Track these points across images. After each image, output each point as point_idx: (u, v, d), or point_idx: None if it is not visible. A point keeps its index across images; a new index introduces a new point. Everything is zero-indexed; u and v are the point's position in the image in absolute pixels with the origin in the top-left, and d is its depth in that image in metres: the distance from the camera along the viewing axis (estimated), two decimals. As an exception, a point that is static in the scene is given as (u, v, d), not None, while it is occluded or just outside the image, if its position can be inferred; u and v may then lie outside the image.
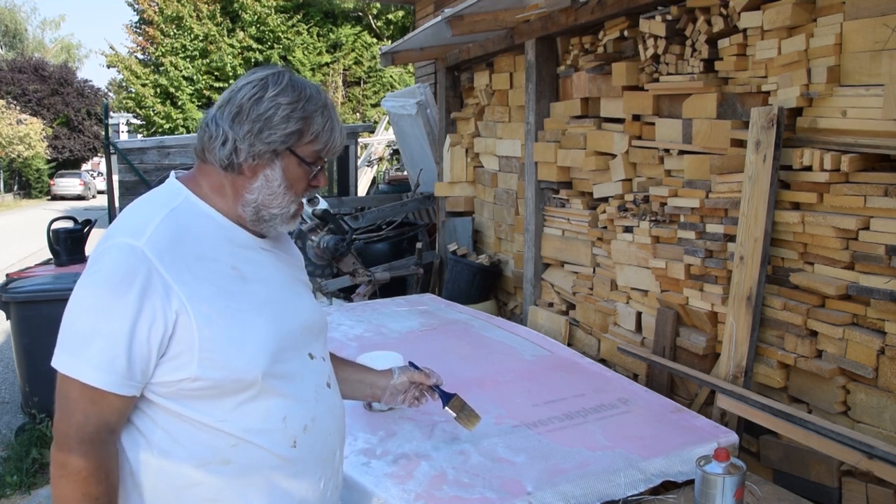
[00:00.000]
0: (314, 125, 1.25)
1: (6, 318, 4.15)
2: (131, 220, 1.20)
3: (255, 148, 1.22)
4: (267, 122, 1.21)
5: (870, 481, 2.20)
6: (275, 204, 1.26)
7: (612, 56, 3.38)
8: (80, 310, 1.13)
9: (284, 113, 1.22)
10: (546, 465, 1.91)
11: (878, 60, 2.17)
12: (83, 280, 1.15)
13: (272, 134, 1.22)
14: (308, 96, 1.25)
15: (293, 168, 1.26)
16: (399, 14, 18.57)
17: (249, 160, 1.23)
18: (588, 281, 3.68)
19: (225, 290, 1.20)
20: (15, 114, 24.83)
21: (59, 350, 1.13)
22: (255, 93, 1.22)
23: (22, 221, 17.63)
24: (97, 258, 1.16)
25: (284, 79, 1.25)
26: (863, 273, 2.25)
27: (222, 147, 1.22)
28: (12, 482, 3.52)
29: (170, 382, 1.16)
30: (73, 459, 1.11)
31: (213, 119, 1.24)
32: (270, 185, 1.25)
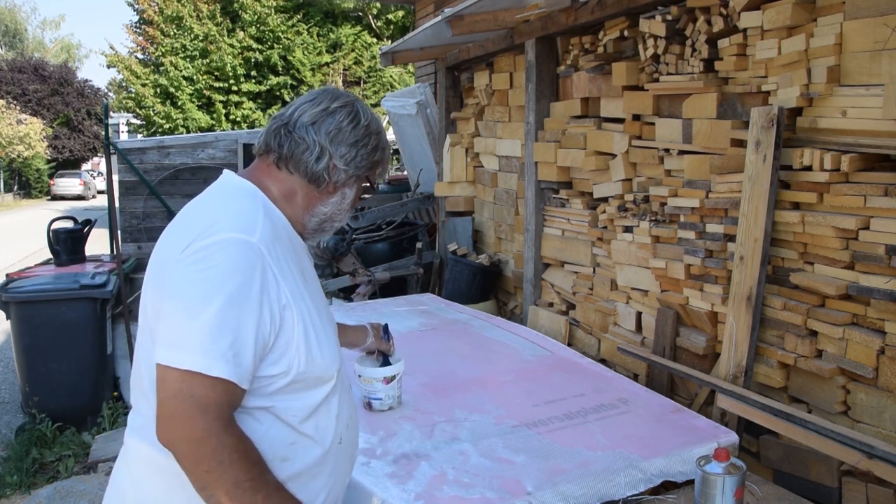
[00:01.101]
0: (385, 158, 1.42)
1: (6, 318, 4.15)
2: (230, 215, 1.20)
3: (350, 171, 1.34)
4: (362, 149, 1.34)
5: (870, 481, 2.20)
6: (339, 218, 1.40)
7: (612, 56, 3.38)
8: (202, 304, 1.10)
9: (374, 143, 1.37)
10: (546, 465, 1.91)
11: (878, 60, 2.17)
12: (196, 275, 1.13)
13: (364, 160, 1.35)
14: (379, 128, 1.40)
15: (360, 189, 1.40)
16: (399, 14, 18.56)
17: (341, 179, 1.34)
18: (588, 281, 3.68)
19: (300, 293, 1.26)
20: (15, 114, 24.83)
21: (174, 349, 1.11)
22: (352, 119, 1.34)
23: (22, 221, 17.63)
24: (208, 253, 1.13)
25: (365, 107, 1.38)
26: (863, 273, 2.25)
27: (317, 162, 1.31)
28: (12, 482, 3.52)
29: (265, 377, 1.19)
30: (224, 448, 1.09)
31: (308, 132, 1.31)
32: (344, 202, 1.38)
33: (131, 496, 1.26)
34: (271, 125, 1.35)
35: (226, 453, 1.10)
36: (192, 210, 1.27)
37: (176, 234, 1.22)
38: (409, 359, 2.38)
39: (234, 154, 7.47)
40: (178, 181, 7.22)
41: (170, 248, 1.19)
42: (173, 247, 1.18)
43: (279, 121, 1.33)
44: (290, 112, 1.33)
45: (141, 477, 1.25)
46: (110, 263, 4.97)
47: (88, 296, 4.12)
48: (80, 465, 3.71)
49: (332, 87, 1.43)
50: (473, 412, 2.27)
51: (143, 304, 1.24)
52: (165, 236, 1.26)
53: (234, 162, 7.46)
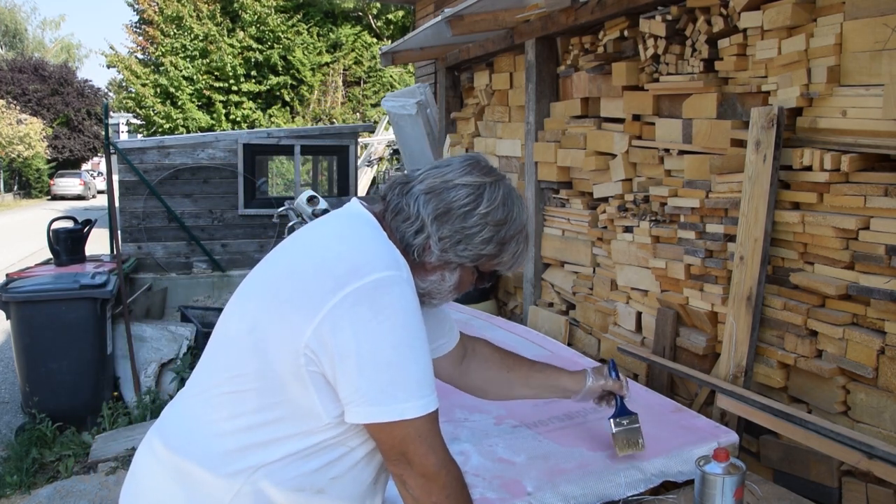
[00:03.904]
0: (506, 253, 1.27)
1: (6, 318, 4.15)
2: (376, 253, 1.15)
3: (447, 255, 1.23)
4: (469, 238, 1.22)
5: (870, 481, 2.20)
6: (439, 297, 1.31)
7: (612, 56, 3.38)
8: (395, 356, 1.09)
9: (488, 235, 1.22)
10: (546, 465, 1.91)
11: (879, 60, 2.17)
12: (376, 322, 1.08)
13: (467, 249, 1.23)
14: (513, 219, 1.25)
15: (468, 276, 1.29)
16: (399, 14, 18.57)
17: (437, 261, 1.24)
18: (588, 281, 3.68)
19: None
20: (15, 114, 24.83)
21: (401, 400, 1.09)
22: (468, 202, 1.21)
23: (22, 221, 17.63)
24: (382, 297, 1.09)
25: (499, 193, 1.24)
26: (863, 273, 2.25)
27: (415, 235, 1.22)
28: (12, 482, 3.52)
29: None
30: (453, 480, 1.18)
31: (416, 201, 1.22)
32: (443, 284, 1.28)
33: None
34: (396, 179, 1.29)
35: (455, 483, 1.17)
36: (328, 240, 1.21)
37: (317, 260, 1.15)
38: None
39: (234, 154, 7.47)
40: (178, 181, 7.22)
41: (310, 281, 1.12)
42: (316, 281, 1.12)
43: (406, 178, 1.27)
44: (420, 173, 1.26)
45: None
46: (110, 263, 4.97)
47: (88, 296, 4.12)
48: (80, 465, 3.71)
49: (481, 158, 1.29)
50: (473, 412, 2.27)
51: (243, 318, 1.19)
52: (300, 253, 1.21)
53: (233, 162, 7.47)
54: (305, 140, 7.94)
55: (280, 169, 11.80)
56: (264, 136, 7.90)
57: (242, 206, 7.59)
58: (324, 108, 19.94)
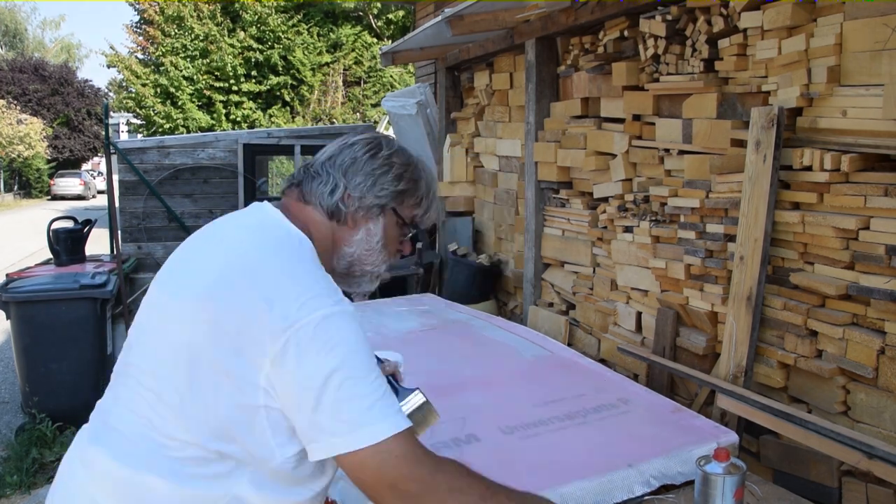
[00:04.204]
0: (420, 190, 1.32)
1: (6, 317, 4.15)
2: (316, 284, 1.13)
3: (365, 200, 1.27)
4: (380, 177, 1.28)
5: (870, 481, 2.20)
6: (370, 260, 1.30)
7: (612, 56, 3.38)
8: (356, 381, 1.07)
9: (397, 172, 1.29)
10: (546, 465, 1.91)
11: (878, 60, 2.17)
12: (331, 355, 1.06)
13: (383, 189, 1.28)
14: (416, 162, 1.33)
15: (392, 227, 1.31)
16: (399, 14, 18.56)
17: (357, 211, 1.27)
18: (588, 281, 3.68)
19: None
20: (15, 114, 24.83)
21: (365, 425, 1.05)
22: (369, 149, 1.29)
23: (22, 221, 17.63)
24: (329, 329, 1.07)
25: (395, 143, 1.33)
26: (863, 273, 2.25)
27: (331, 194, 1.26)
28: (12, 482, 3.52)
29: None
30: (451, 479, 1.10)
31: (322, 166, 1.29)
32: (370, 239, 1.29)
33: None
34: (301, 167, 1.34)
35: (455, 479, 1.11)
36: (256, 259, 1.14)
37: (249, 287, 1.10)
38: (409, 359, 2.37)
39: (234, 154, 7.47)
40: (178, 181, 7.21)
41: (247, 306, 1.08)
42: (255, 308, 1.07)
43: (308, 161, 1.34)
44: (319, 153, 1.34)
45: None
46: (110, 263, 4.97)
47: (88, 296, 4.12)
48: (80, 465, 3.70)
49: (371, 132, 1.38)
50: (473, 412, 2.27)
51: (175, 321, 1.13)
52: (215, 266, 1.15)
53: (234, 162, 7.46)
54: (305, 140, 7.93)
55: (280, 169, 11.80)
56: (264, 136, 7.90)
57: (242, 205, 7.56)
58: (324, 108, 19.94)
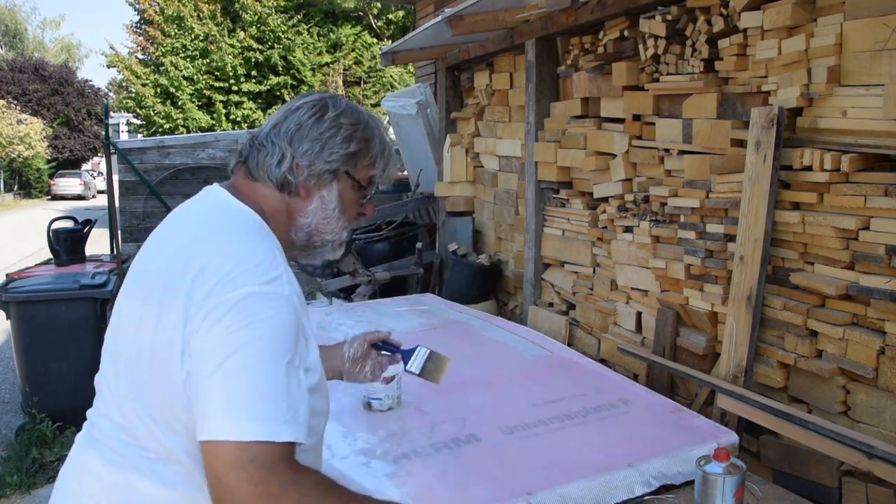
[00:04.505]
0: (373, 148, 1.24)
1: (6, 318, 4.15)
2: (251, 261, 1.06)
3: (315, 167, 1.19)
4: (328, 141, 1.19)
5: (870, 481, 2.20)
6: (328, 229, 1.24)
7: (612, 56, 3.38)
8: (252, 366, 0.99)
9: (346, 133, 1.20)
10: (546, 465, 1.91)
11: (878, 60, 2.17)
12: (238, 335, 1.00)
13: (333, 153, 1.20)
14: (366, 120, 1.24)
15: (348, 191, 1.23)
16: (399, 14, 18.56)
17: (307, 180, 1.20)
18: (588, 281, 3.68)
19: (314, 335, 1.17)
20: (15, 114, 24.82)
21: (238, 418, 0.97)
22: (314, 112, 1.20)
23: (22, 221, 17.62)
24: (247, 309, 1.01)
25: (342, 102, 1.24)
26: (863, 273, 2.25)
27: (278, 166, 1.18)
28: (12, 482, 3.52)
29: None
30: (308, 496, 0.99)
31: (268, 137, 1.20)
32: (326, 207, 1.22)
33: None
34: (246, 141, 1.25)
35: (312, 492, 0.99)
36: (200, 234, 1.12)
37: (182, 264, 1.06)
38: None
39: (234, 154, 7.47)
40: (178, 181, 7.22)
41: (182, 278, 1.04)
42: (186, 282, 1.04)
43: (251, 134, 1.25)
44: (263, 124, 1.25)
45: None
46: (110, 263, 4.96)
47: (88, 296, 4.12)
48: (80, 465, 3.70)
49: (315, 92, 1.28)
50: (473, 412, 2.27)
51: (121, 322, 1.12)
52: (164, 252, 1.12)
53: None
54: (305, 140, 7.93)
55: (280, 169, 11.77)
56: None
57: (242, 206, 7.58)
58: (324, 108, 19.90)
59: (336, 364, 1.56)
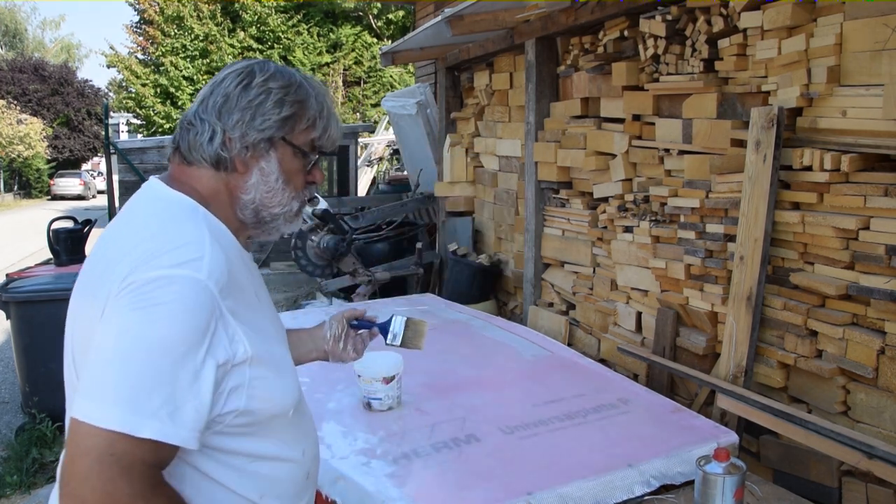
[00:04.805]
0: (309, 110, 1.15)
1: (6, 318, 4.15)
2: (172, 242, 1.01)
3: (248, 138, 1.11)
4: (258, 108, 1.11)
5: (870, 481, 2.20)
6: (275, 202, 1.15)
7: (612, 56, 3.38)
8: (130, 357, 0.93)
9: (277, 97, 1.12)
10: (546, 465, 1.91)
11: (878, 60, 2.17)
12: (131, 316, 0.95)
13: (266, 121, 1.11)
14: (299, 82, 1.16)
15: (289, 159, 1.15)
16: (399, 14, 18.56)
17: (242, 153, 1.12)
18: (588, 281, 3.68)
19: (259, 322, 1.10)
20: (15, 114, 24.82)
21: (94, 401, 0.93)
22: (241, 80, 1.12)
23: (22, 221, 17.62)
24: (145, 291, 0.95)
25: (271, 66, 1.16)
26: (863, 273, 2.25)
27: (210, 143, 1.11)
28: (12, 482, 3.52)
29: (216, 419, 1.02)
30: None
31: (196, 115, 1.12)
32: (267, 180, 1.14)
33: None
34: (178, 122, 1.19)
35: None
36: (125, 228, 1.09)
37: (112, 256, 1.03)
38: (409, 359, 2.38)
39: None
40: (178, 181, 7.21)
41: (107, 271, 1.01)
42: (111, 271, 1.00)
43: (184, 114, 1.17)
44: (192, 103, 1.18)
45: None
46: (110, 263, 4.96)
47: (88, 296, 4.12)
48: (80, 464, 3.70)
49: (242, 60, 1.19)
50: (473, 412, 2.27)
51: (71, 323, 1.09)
52: (102, 251, 1.09)
53: (234, 162, 7.47)
54: (305, 140, 7.93)
55: (280, 169, 11.77)
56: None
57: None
58: (324, 108, 19.92)
59: (320, 344, 1.52)
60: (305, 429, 1.22)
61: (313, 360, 1.54)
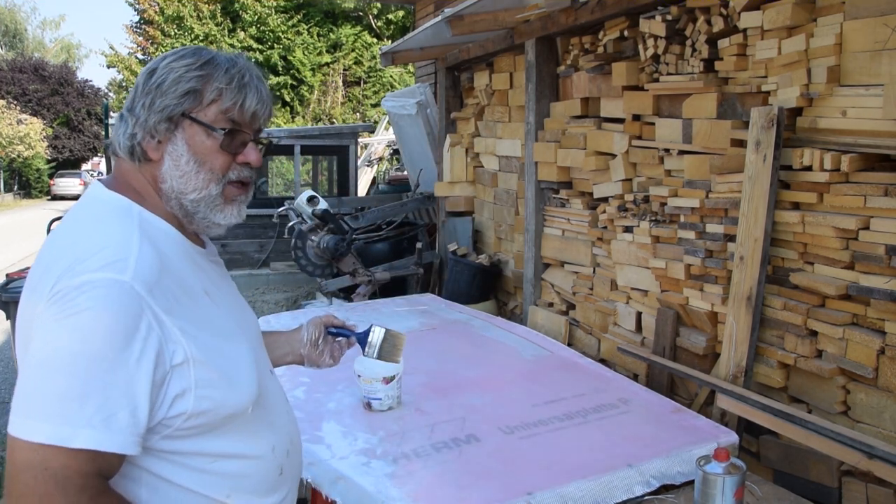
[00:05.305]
0: (215, 81, 1.07)
1: (6, 318, 4.15)
2: (98, 246, 0.98)
3: (150, 121, 1.06)
4: (158, 89, 1.05)
5: (870, 481, 2.19)
6: (189, 187, 1.08)
7: (612, 56, 3.38)
8: (58, 366, 0.91)
9: (177, 75, 1.05)
10: (546, 465, 1.91)
11: (878, 60, 2.17)
12: (55, 325, 0.92)
13: (164, 98, 1.05)
14: (208, 58, 1.08)
15: (199, 138, 1.07)
16: (399, 14, 18.57)
17: (148, 139, 1.07)
18: (588, 281, 3.68)
19: (206, 320, 1.06)
20: (15, 114, 24.84)
21: (26, 417, 0.91)
22: (149, 69, 1.09)
23: (22, 221, 17.62)
24: (70, 299, 0.93)
25: (188, 49, 1.10)
26: (863, 273, 2.25)
27: (124, 135, 1.08)
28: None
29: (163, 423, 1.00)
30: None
31: (121, 114, 1.10)
32: (178, 164, 1.07)
33: None
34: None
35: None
36: (61, 233, 1.05)
37: (45, 263, 1.01)
38: (409, 359, 2.37)
39: (234, 154, 7.47)
40: (178, 181, 7.21)
41: (42, 277, 0.98)
42: (45, 276, 0.98)
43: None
44: None
45: None
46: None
47: (88, 296, 4.12)
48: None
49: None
50: (473, 412, 2.27)
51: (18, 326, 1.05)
52: (43, 255, 1.05)
53: (234, 162, 7.47)
54: (305, 140, 7.93)
55: (280, 169, 11.80)
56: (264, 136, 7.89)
57: (242, 206, 7.59)
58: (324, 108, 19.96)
59: (296, 347, 1.50)
60: (274, 423, 1.19)
61: (289, 364, 1.52)
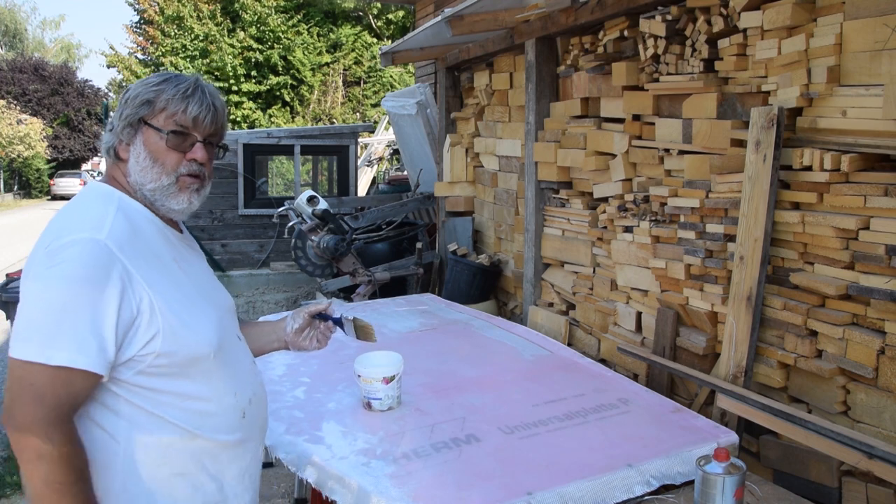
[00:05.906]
0: (164, 94, 1.32)
1: (6, 318, 4.15)
2: (81, 218, 1.25)
3: (118, 127, 1.34)
4: (127, 102, 1.34)
5: (870, 481, 2.20)
6: (147, 179, 1.33)
7: (612, 56, 3.38)
8: (44, 303, 1.16)
9: (140, 89, 1.34)
10: (546, 465, 1.91)
11: (878, 60, 2.17)
12: (43, 274, 1.18)
13: (128, 109, 1.33)
14: (168, 76, 1.36)
15: (153, 139, 1.33)
16: (399, 14, 18.57)
17: (118, 140, 1.35)
18: (588, 281, 3.68)
19: (174, 279, 1.31)
20: (15, 114, 24.84)
21: (20, 341, 1.16)
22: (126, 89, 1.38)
23: (22, 221, 17.62)
24: (56, 253, 1.18)
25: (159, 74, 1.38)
26: (863, 273, 2.25)
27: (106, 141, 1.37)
28: (12, 482, 3.52)
29: (136, 359, 1.23)
30: (48, 443, 1.13)
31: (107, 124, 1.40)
32: (138, 160, 1.33)
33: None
34: None
35: (47, 448, 1.13)
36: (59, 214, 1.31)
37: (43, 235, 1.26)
38: (409, 359, 2.38)
39: (234, 154, 7.47)
40: (178, 181, 7.20)
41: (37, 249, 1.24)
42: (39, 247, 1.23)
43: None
44: None
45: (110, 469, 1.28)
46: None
47: (88, 296, 4.12)
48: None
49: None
50: (473, 412, 2.27)
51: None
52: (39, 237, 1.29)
53: (233, 162, 7.47)
54: (305, 140, 7.93)
55: (280, 169, 11.80)
56: (264, 136, 7.90)
57: (242, 206, 7.60)
58: (324, 108, 19.96)
59: (281, 335, 1.72)
60: (237, 376, 1.41)
61: (275, 350, 1.74)
